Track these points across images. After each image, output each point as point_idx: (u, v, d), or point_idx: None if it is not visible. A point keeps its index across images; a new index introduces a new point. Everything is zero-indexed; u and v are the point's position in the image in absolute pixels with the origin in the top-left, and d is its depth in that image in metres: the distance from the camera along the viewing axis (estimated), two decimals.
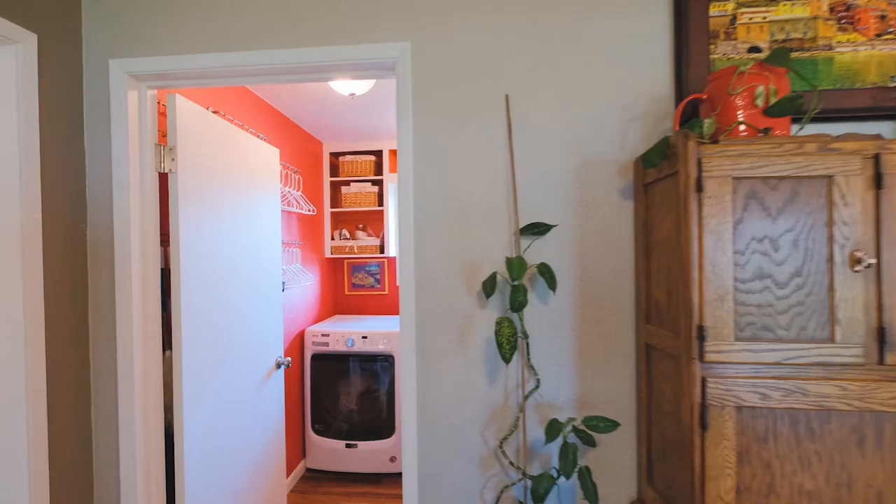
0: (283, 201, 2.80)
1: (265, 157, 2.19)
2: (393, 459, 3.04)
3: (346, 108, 2.88)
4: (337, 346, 3.06)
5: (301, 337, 3.16)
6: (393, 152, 3.75)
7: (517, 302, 1.22)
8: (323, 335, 3.09)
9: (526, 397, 1.34)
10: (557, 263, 1.36)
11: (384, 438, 3.04)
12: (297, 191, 3.01)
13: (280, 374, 2.27)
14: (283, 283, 2.64)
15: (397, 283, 4.09)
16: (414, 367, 1.44)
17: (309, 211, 3.19)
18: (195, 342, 1.64)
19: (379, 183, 3.73)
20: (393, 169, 3.80)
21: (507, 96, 1.37)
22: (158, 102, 1.69)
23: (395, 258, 3.95)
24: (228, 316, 1.84)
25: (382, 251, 3.71)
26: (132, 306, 1.45)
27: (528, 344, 1.34)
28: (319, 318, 3.54)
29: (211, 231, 1.74)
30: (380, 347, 3.04)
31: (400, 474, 3.08)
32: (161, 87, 1.58)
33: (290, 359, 2.24)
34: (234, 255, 1.89)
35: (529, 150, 1.37)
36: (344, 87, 2.24)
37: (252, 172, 2.05)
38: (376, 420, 3.06)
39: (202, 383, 1.67)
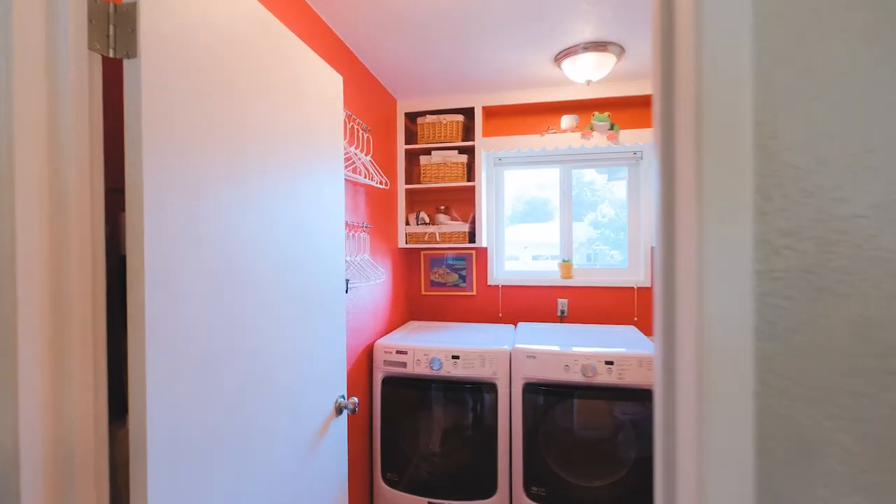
0: (347, 165, 1.99)
1: (321, 83, 1.36)
2: None
3: (431, 37, 2.03)
4: (417, 368, 2.23)
5: (369, 353, 2.36)
6: (487, 110, 2.86)
7: None
8: (398, 352, 2.27)
9: None
10: None
11: (482, 498, 2.17)
12: (366, 155, 2.20)
13: (342, 422, 1.45)
14: (347, 281, 1.84)
15: (489, 283, 3.22)
16: None
17: (381, 184, 2.38)
18: (180, 398, 0.83)
19: (468, 151, 2.86)
20: (487, 132, 2.91)
21: None
22: None
23: (485, 249, 3.07)
24: (252, 341, 1.03)
25: (472, 240, 2.84)
26: (17, 330, 0.66)
27: None
28: (391, 327, 2.73)
29: (220, 188, 0.93)
30: (474, 371, 2.17)
31: None
32: None
33: (356, 399, 1.42)
34: (265, 234, 1.08)
35: None
36: None
37: (299, 102, 1.24)
38: (469, 470, 2.20)
39: (196, 472, 0.87)
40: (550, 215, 3.13)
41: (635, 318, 2.89)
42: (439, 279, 3.12)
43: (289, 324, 1.17)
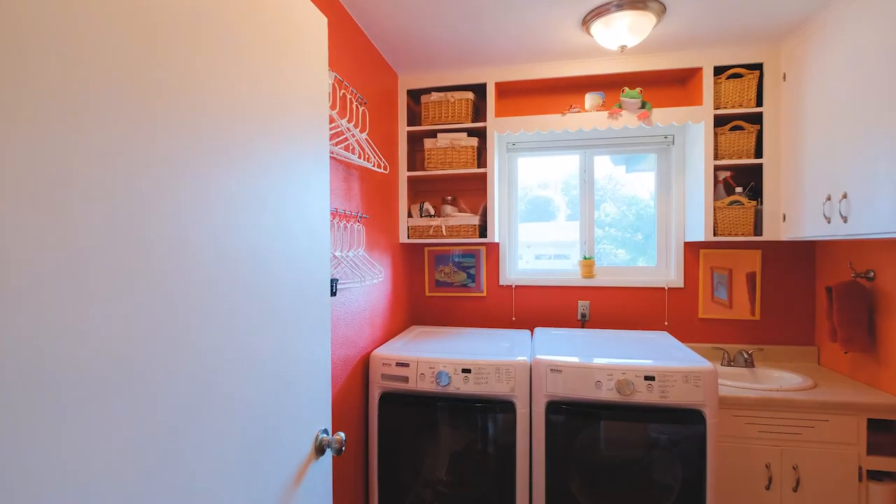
0: (336, 140, 1.66)
1: (297, 20, 1.03)
2: None
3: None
4: (421, 384, 1.90)
5: (364, 365, 2.03)
6: (501, 87, 2.52)
7: None
8: (399, 364, 1.93)
9: None
10: None
11: None
12: (362, 131, 1.87)
13: (324, 466, 1.12)
14: (335, 281, 1.51)
15: (501, 283, 2.66)
16: None
17: (380, 167, 2.05)
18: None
19: (479, 134, 2.53)
20: (501, 111, 2.58)
21: None
22: None
23: (497, 244, 2.73)
24: (179, 366, 0.70)
25: (483, 234, 2.51)
26: None
27: None
28: (390, 334, 2.40)
29: (112, 126, 0.60)
30: (488, 388, 1.84)
31: None
32: None
33: (342, 436, 1.09)
34: (206, 213, 0.75)
35: None
36: None
37: (260, 33, 0.90)
38: (482, 503, 1.87)
39: None
40: (553, 215, 2.82)
41: (665, 323, 2.56)
42: (445, 278, 2.79)
43: (245, 340, 0.84)
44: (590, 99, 2.43)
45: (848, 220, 1.72)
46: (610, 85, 2.48)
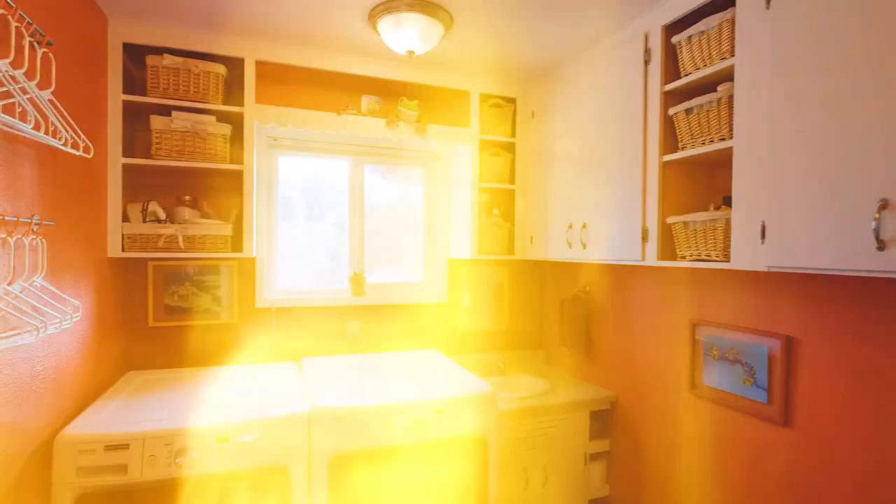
0: None
1: None
2: None
3: None
4: (152, 471, 1.29)
5: (42, 458, 1.28)
6: (264, 68, 2.04)
7: None
8: (110, 447, 1.27)
9: None
10: None
11: None
12: (43, 88, 1.15)
13: None
14: None
15: (258, 305, 2.18)
16: None
17: (78, 149, 1.33)
18: None
19: (232, 120, 1.98)
20: (263, 97, 2.09)
21: None
22: None
23: (254, 259, 2.23)
24: None
25: (238, 247, 1.98)
26: None
27: None
28: (93, 394, 1.63)
29: None
30: (254, 457, 1.40)
31: None
32: None
33: None
34: None
35: None
36: None
37: None
38: None
39: None
40: (291, 214, 2.50)
41: (433, 338, 2.57)
42: (180, 303, 2.11)
43: None
44: (366, 102, 2.22)
45: (587, 247, 2.01)
46: (387, 93, 2.33)
